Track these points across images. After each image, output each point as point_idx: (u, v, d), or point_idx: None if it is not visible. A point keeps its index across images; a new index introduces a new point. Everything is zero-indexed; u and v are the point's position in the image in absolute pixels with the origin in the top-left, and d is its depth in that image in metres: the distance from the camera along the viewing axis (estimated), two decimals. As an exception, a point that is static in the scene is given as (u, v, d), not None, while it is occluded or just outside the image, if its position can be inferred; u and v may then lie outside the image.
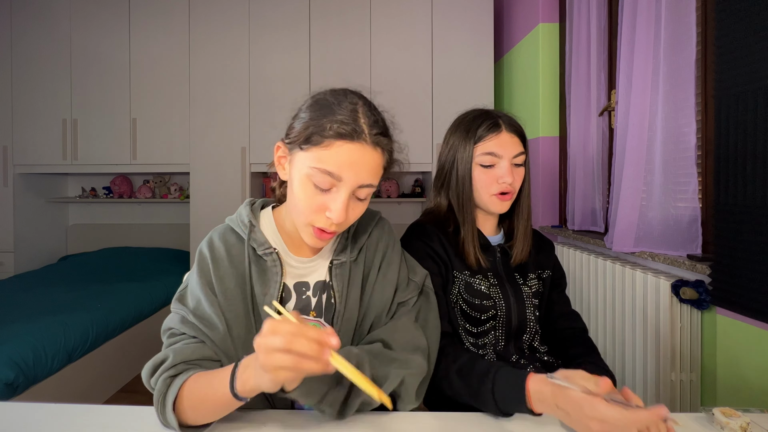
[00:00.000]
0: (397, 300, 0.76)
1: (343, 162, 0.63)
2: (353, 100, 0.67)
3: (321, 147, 0.63)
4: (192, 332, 0.67)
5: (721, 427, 0.64)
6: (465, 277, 0.91)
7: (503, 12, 2.82)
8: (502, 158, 0.90)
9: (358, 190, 0.65)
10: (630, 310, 1.47)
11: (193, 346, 0.65)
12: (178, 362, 0.63)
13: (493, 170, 0.91)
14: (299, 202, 0.66)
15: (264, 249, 0.73)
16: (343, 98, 0.67)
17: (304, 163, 0.65)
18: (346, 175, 0.63)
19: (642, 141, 1.44)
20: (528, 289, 0.94)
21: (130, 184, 3.30)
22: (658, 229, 1.43)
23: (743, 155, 1.07)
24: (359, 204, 0.68)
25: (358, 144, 0.63)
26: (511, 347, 0.91)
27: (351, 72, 2.72)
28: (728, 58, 1.11)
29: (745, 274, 1.07)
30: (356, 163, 0.63)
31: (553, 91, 2.25)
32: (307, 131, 0.64)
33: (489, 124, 0.91)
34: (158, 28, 2.86)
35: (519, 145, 0.91)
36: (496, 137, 0.90)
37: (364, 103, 0.69)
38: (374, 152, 0.65)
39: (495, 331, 0.90)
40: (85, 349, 1.92)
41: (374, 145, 0.65)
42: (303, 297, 0.74)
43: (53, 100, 2.90)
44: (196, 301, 0.69)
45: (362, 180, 0.65)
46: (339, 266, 0.75)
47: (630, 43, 1.47)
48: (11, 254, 2.93)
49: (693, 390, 1.29)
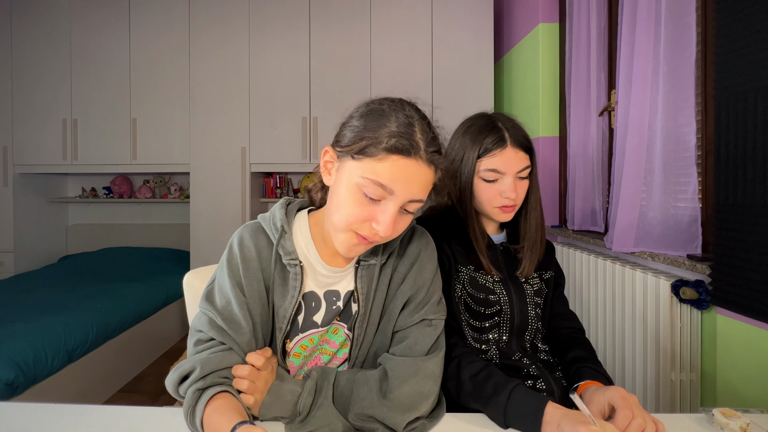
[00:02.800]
0: (424, 314, 0.72)
1: (396, 176, 0.61)
2: (409, 113, 0.65)
3: (375, 159, 0.61)
4: (220, 337, 0.66)
5: (721, 427, 0.64)
6: (469, 271, 0.91)
7: (503, 12, 2.82)
8: (505, 174, 0.88)
9: (407, 204, 0.64)
10: (630, 310, 1.47)
11: (220, 356, 0.64)
12: (206, 374, 0.63)
13: (496, 185, 0.89)
14: (345, 209, 0.64)
15: (289, 259, 0.71)
16: (400, 109, 0.65)
17: (355, 172, 0.63)
18: (398, 189, 0.62)
19: (642, 141, 1.44)
20: (530, 288, 0.94)
21: (130, 184, 3.30)
22: (658, 229, 1.43)
23: (743, 155, 1.07)
24: (406, 217, 0.67)
25: (413, 160, 0.62)
26: (514, 344, 0.91)
27: (351, 72, 2.72)
28: (728, 58, 1.11)
29: (745, 274, 1.07)
30: (410, 178, 0.62)
31: (553, 91, 2.25)
32: (361, 142, 0.63)
33: (495, 138, 0.89)
34: (158, 28, 2.86)
35: (524, 160, 0.89)
36: (501, 153, 0.88)
37: (421, 117, 0.67)
38: (428, 170, 0.64)
39: (498, 328, 0.90)
40: (85, 349, 1.92)
41: (429, 163, 0.64)
42: (333, 307, 0.74)
43: (53, 100, 2.90)
44: (225, 300, 0.69)
45: (413, 195, 0.64)
46: (366, 268, 0.73)
47: (630, 43, 1.47)
48: (11, 254, 2.93)
49: (693, 390, 1.29)
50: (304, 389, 0.66)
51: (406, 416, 0.64)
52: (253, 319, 0.69)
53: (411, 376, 0.66)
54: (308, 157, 2.74)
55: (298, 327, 0.73)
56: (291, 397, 0.65)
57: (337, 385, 0.68)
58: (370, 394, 0.65)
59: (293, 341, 0.74)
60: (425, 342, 0.70)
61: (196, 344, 0.67)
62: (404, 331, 0.72)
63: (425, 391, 0.66)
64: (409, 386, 0.65)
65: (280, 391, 0.66)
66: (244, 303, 0.68)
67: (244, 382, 0.64)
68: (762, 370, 1.07)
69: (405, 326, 0.72)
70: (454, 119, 0.99)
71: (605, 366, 1.63)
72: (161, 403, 2.06)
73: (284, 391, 0.66)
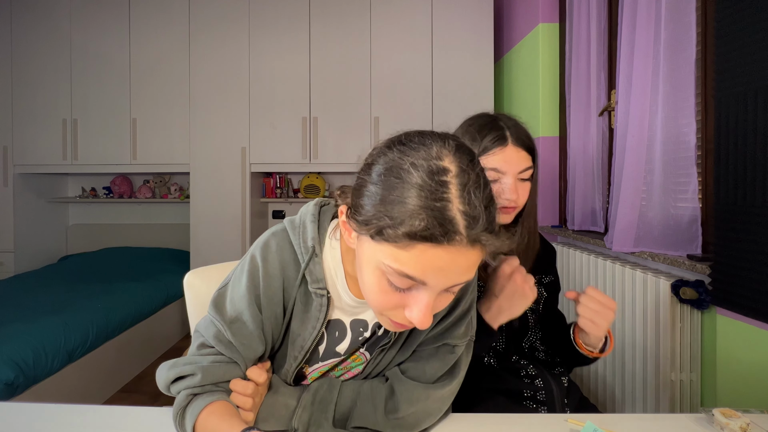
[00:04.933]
0: (449, 339, 0.65)
1: (428, 267, 0.46)
2: (441, 169, 0.46)
3: (397, 246, 0.46)
4: (228, 352, 0.60)
5: (721, 427, 0.64)
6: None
7: (503, 12, 2.82)
8: (505, 174, 0.85)
9: (448, 289, 0.50)
10: (630, 310, 1.47)
11: (224, 368, 0.60)
12: (206, 383, 0.59)
13: (495, 185, 0.85)
14: (371, 295, 0.52)
15: (317, 287, 0.61)
16: (426, 168, 0.46)
17: (375, 255, 0.49)
18: (432, 280, 0.47)
19: (642, 141, 1.44)
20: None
21: (130, 184, 3.30)
22: (658, 229, 1.43)
23: (743, 155, 1.06)
24: (449, 296, 0.52)
25: (450, 248, 0.45)
26: (512, 349, 0.91)
27: (351, 72, 2.72)
28: (728, 58, 1.11)
29: (745, 274, 1.07)
30: (445, 268, 0.46)
31: (553, 91, 2.25)
32: (378, 222, 0.46)
33: (495, 136, 0.85)
34: (158, 28, 2.86)
35: (526, 160, 0.85)
36: (501, 152, 0.84)
37: (462, 173, 0.46)
38: (472, 252, 0.46)
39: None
40: (85, 349, 1.92)
41: (473, 243, 0.45)
42: (360, 338, 0.66)
43: (53, 100, 2.90)
44: (237, 313, 0.61)
45: (454, 281, 0.48)
46: None
47: (630, 43, 1.47)
48: (11, 254, 2.93)
49: (693, 390, 1.29)
50: (299, 404, 0.62)
51: (413, 424, 0.62)
52: (267, 339, 0.63)
53: (420, 401, 0.62)
54: (308, 157, 2.74)
55: (318, 356, 0.67)
56: (285, 411, 0.62)
57: (341, 398, 0.63)
58: (375, 412, 0.62)
59: (312, 368, 0.68)
60: (440, 368, 0.64)
61: (200, 347, 0.62)
62: (423, 350, 0.66)
63: (433, 411, 0.63)
64: (417, 409, 0.62)
65: (274, 404, 0.62)
66: (259, 321, 0.61)
67: (248, 400, 0.59)
68: (762, 370, 1.07)
69: (426, 346, 0.66)
70: (454, 119, 0.99)
71: (605, 366, 1.63)
72: (161, 403, 2.05)
73: (278, 404, 0.62)
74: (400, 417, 0.61)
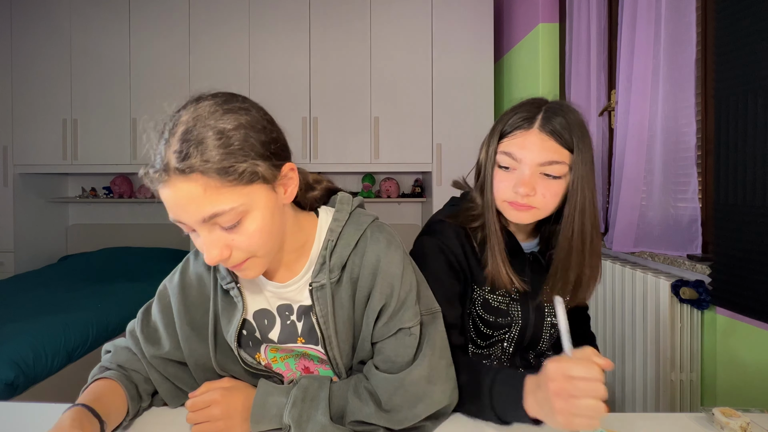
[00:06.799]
0: (400, 323, 0.64)
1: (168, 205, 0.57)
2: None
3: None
4: (134, 347, 0.71)
5: (721, 427, 0.64)
6: (484, 292, 0.80)
7: (503, 12, 2.82)
8: (521, 162, 0.72)
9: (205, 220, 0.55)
10: (630, 310, 1.47)
11: (131, 357, 0.71)
12: (113, 363, 0.70)
13: (511, 173, 0.74)
14: None
15: (227, 283, 0.67)
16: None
17: None
18: (174, 217, 0.57)
19: (642, 141, 1.44)
20: (550, 312, 0.84)
21: (130, 184, 3.30)
22: (658, 229, 1.43)
23: (743, 155, 1.07)
24: (218, 230, 0.57)
25: (164, 187, 0.55)
26: (518, 359, 0.85)
27: (351, 72, 2.72)
28: (728, 58, 1.11)
29: (745, 274, 1.07)
30: (171, 205, 0.56)
31: (553, 91, 2.25)
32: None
33: (522, 116, 0.72)
34: (158, 28, 2.86)
35: (553, 152, 0.70)
36: (522, 135, 0.72)
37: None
38: (182, 184, 0.53)
39: (503, 343, 0.84)
40: (85, 349, 1.92)
41: (181, 175, 0.53)
42: (288, 322, 0.68)
43: (53, 100, 2.89)
44: (155, 316, 0.73)
45: (179, 216, 0.56)
46: (319, 289, 0.64)
47: (630, 43, 1.47)
48: (11, 254, 2.93)
49: (693, 390, 1.29)
50: (288, 400, 0.63)
51: (407, 413, 0.61)
52: (183, 341, 0.69)
53: (398, 390, 0.62)
54: (308, 157, 2.74)
55: (258, 343, 0.71)
56: (277, 411, 0.63)
57: (333, 395, 0.64)
58: (367, 405, 0.62)
59: (262, 354, 0.72)
60: (406, 353, 0.64)
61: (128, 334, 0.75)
62: (382, 343, 0.66)
63: (420, 395, 0.62)
64: (400, 398, 0.62)
65: (265, 405, 0.64)
66: (169, 321, 0.71)
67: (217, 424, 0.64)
68: (762, 370, 1.07)
69: (382, 338, 0.65)
70: (454, 119, 0.98)
71: (605, 366, 1.63)
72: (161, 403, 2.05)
73: (269, 404, 0.64)
74: (388, 409, 0.62)
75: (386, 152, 2.71)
